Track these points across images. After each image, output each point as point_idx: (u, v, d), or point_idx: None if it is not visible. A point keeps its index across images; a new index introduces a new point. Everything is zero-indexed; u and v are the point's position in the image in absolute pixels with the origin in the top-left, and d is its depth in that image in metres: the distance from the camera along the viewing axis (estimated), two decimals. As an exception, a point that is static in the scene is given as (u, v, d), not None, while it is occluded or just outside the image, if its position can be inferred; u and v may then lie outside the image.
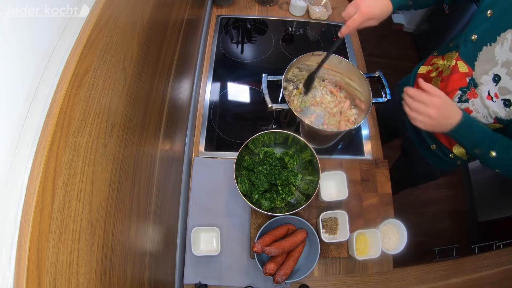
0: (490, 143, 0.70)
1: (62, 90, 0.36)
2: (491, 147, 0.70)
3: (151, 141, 0.66)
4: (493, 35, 0.65)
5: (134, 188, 0.56)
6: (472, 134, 0.71)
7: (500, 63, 0.66)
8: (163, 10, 0.72)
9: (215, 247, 0.88)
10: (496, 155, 0.70)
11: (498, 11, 0.64)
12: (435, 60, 0.92)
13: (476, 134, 0.71)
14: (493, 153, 0.70)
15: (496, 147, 0.69)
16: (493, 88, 0.69)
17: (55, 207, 0.33)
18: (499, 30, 0.64)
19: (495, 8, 0.65)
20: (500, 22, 0.64)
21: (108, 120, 0.45)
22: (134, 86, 0.55)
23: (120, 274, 0.49)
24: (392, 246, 0.89)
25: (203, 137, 1.05)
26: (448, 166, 1.02)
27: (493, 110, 0.71)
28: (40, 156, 0.32)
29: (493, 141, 0.70)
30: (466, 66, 0.74)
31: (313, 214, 0.94)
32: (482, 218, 1.76)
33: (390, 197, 0.99)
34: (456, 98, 0.79)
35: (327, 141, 1.06)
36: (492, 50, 0.66)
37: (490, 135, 0.71)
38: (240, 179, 0.86)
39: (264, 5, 1.40)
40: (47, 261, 0.32)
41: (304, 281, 0.86)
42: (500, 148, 0.69)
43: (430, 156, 1.01)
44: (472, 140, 0.71)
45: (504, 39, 0.63)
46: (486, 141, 0.70)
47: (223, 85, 1.17)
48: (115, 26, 0.48)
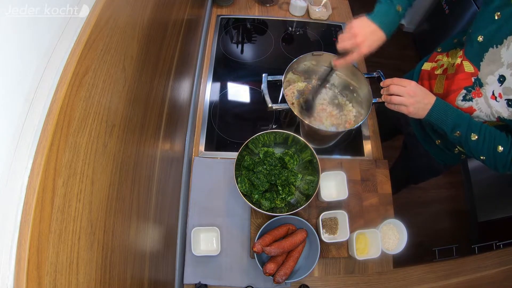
0: (468, 125, 0.73)
1: (62, 90, 0.36)
2: (471, 129, 0.72)
3: (151, 141, 0.66)
4: (500, 37, 0.66)
5: (134, 188, 0.56)
6: (448, 115, 0.74)
7: (506, 64, 0.66)
8: (163, 10, 0.72)
9: (215, 247, 0.88)
10: (479, 137, 0.72)
11: (506, 14, 0.65)
12: (440, 57, 0.93)
13: (452, 115, 0.74)
14: (474, 135, 0.72)
15: (477, 130, 0.72)
16: (497, 88, 0.70)
17: (55, 207, 0.33)
18: (506, 33, 0.65)
19: (504, 11, 0.66)
20: (508, 25, 0.65)
21: (108, 120, 0.45)
22: (134, 86, 0.55)
23: (120, 274, 0.49)
24: (392, 246, 0.89)
25: (203, 137, 1.05)
26: (451, 160, 1.02)
27: (496, 110, 0.72)
28: (40, 156, 0.32)
29: (471, 124, 0.73)
30: (472, 66, 0.75)
31: (313, 214, 0.94)
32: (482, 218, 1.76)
33: (390, 197, 0.99)
34: (461, 96, 0.79)
35: (327, 141, 1.06)
36: (498, 52, 0.67)
37: (467, 118, 0.74)
38: (240, 179, 0.86)
39: (264, 5, 1.40)
40: (47, 261, 0.32)
41: (304, 281, 0.86)
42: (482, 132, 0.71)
43: (434, 150, 1.02)
44: (450, 122, 0.74)
45: (511, 41, 0.64)
46: (464, 122, 0.73)
47: (223, 85, 1.17)
48: (115, 26, 0.48)
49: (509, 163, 0.70)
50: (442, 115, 0.75)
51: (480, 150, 0.73)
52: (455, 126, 0.74)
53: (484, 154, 0.73)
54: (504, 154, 0.70)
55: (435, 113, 0.75)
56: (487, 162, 0.74)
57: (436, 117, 0.76)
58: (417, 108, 0.76)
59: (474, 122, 0.73)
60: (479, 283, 0.93)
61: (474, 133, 0.72)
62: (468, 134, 0.73)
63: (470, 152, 0.77)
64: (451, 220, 1.90)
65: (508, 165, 0.71)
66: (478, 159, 0.76)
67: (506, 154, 0.70)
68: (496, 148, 0.70)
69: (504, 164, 0.71)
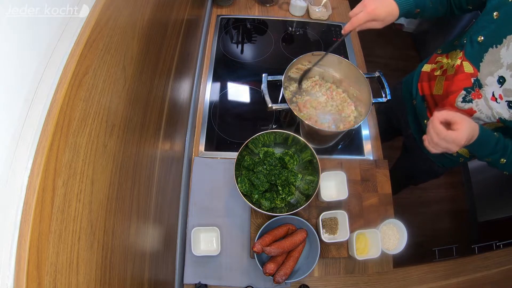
0: (502, 152, 0.71)
1: (62, 90, 0.36)
2: (503, 155, 0.72)
3: (151, 141, 0.66)
4: (499, 37, 0.66)
5: (134, 188, 0.56)
6: (487, 147, 0.71)
7: (506, 65, 0.66)
8: (163, 10, 0.72)
9: (215, 247, 0.88)
10: (506, 161, 0.72)
11: (505, 14, 0.65)
12: (439, 58, 0.93)
13: (490, 146, 0.71)
14: (503, 160, 0.72)
15: (507, 154, 0.71)
16: (497, 89, 0.69)
17: (55, 207, 0.33)
18: (505, 32, 0.64)
19: (502, 10, 0.65)
20: (506, 25, 0.64)
21: (108, 120, 0.45)
22: (134, 86, 0.55)
23: (120, 274, 0.49)
24: (392, 246, 0.89)
25: (203, 137, 1.05)
26: (450, 163, 1.02)
27: (497, 111, 0.71)
28: (40, 156, 0.32)
29: (505, 149, 0.71)
30: (472, 67, 0.75)
31: (313, 214, 0.94)
32: (482, 218, 1.76)
33: (390, 197, 0.99)
34: (460, 98, 0.79)
35: (327, 141, 1.06)
36: (498, 52, 0.67)
37: (502, 144, 0.71)
38: (240, 179, 0.86)
39: (264, 5, 1.40)
40: (47, 261, 0.32)
41: (304, 281, 0.86)
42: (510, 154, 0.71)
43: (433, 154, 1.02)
44: (486, 151, 0.73)
45: (510, 41, 0.64)
46: (499, 151, 0.71)
47: (223, 85, 1.17)
48: (115, 26, 0.48)
49: None
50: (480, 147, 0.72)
51: (506, 168, 0.75)
52: (489, 155, 0.73)
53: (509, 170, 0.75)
54: None
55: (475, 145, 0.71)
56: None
57: (474, 148, 0.73)
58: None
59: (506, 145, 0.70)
60: (479, 283, 0.93)
61: (503, 158, 0.72)
62: (498, 159, 0.73)
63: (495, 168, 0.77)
64: (451, 220, 1.90)
65: None
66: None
67: None
68: None
69: None
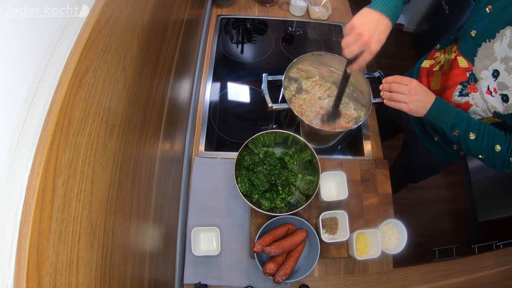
0: (467, 124, 0.73)
1: (62, 90, 0.36)
2: (469, 128, 0.73)
3: (151, 141, 0.66)
4: (493, 31, 0.66)
5: (134, 188, 0.56)
6: (447, 114, 0.75)
7: (499, 59, 0.66)
8: (163, 10, 0.72)
9: (215, 247, 0.88)
10: (476, 136, 0.72)
11: (498, 8, 0.64)
12: (438, 54, 0.93)
13: (451, 114, 0.74)
14: (473, 135, 0.72)
15: (475, 130, 0.72)
16: (492, 83, 0.69)
17: (55, 207, 0.33)
18: (498, 26, 0.64)
19: (495, 4, 0.65)
20: (500, 19, 0.64)
21: (108, 120, 0.45)
22: (134, 86, 0.55)
23: (120, 274, 0.49)
24: (392, 246, 0.89)
25: (203, 137, 1.05)
26: (451, 157, 1.02)
27: (492, 105, 0.71)
28: (40, 156, 0.32)
29: (469, 123, 0.73)
30: (466, 62, 0.75)
31: (313, 214, 0.94)
32: (482, 218, 1.76)
33: (390, 197, 0.99)
34: (457, 92, 0.79)
35: (327, 141, 1.06)
36: (491, 46, 0.67)
37: (466, 117, 0.74)
38: (240, 179, 0.86)
39: (264, 5, 1.40)
40: (47, 261, 0.32)
41: (304, 281, 0.86)
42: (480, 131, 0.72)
43: (434, 147, 1.02)
44: (449, 121, 0.74)
45: (503, 35, 0.64)
46: (462, 122, 0.73)
47: (223, 85, 1.17)
48: (115, 26, 0.48)
49: (507, 162, 0.70)
50: (441, 113, 0.75)
51: (478, 149, 0.73)
52: (454, 125, 0.74)
53: (483, 153, 0.73)
54: (502, 153, 0.70)
55: (435, 111, 0.76)
56: (486, 161, 0.75)
57: (436, 116, 0.76)
58: (417, 106, 0.76)
59: (473, 121, 0.73)
60: (479, 283, 0.93)
61: (472, 132, 0.72)
62: (467, 133, 0.73)
63: (468, 151, 0.77)
64: (451, 220, 1.90)
65: (507, 164, 0.71)
66: (477, 158, 0.76)
67: (504, 154, 0.70)
68: (494, 147, 0.70)
69: (503, 163, 0.71)
